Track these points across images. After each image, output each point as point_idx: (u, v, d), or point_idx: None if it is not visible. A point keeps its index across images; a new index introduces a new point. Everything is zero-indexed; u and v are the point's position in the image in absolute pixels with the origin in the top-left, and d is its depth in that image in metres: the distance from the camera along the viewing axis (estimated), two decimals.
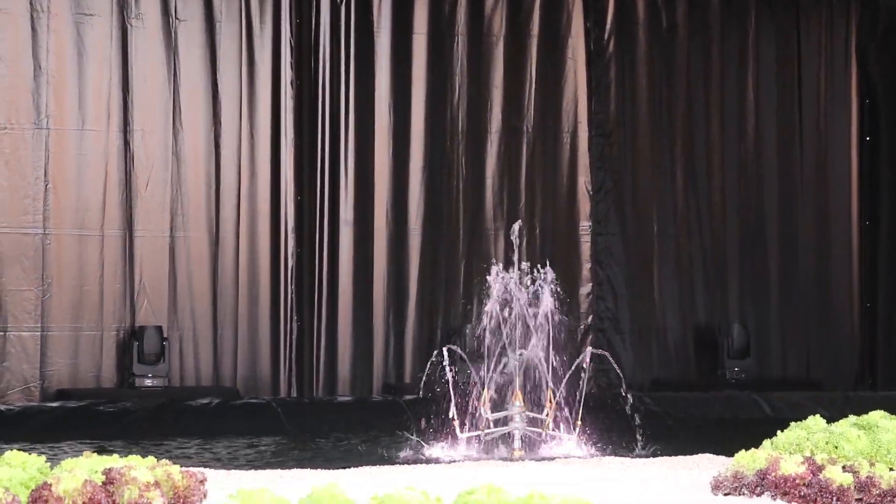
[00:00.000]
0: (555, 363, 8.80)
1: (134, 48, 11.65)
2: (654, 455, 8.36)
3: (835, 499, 5.68)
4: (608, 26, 13.07)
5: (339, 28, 12.27)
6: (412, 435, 8.93)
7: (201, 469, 6.23)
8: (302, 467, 7.64)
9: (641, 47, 13.15)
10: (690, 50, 13.29)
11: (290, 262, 12.07)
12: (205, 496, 5.78)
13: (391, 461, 8.23)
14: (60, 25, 11.44)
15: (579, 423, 8.66)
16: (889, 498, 5.73)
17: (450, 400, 8.56)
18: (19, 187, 11.33)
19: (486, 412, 8.67)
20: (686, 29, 13.27)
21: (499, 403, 8.81)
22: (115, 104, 11.61)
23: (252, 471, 7.36)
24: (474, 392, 8.77)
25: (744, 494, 6.02)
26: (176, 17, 11.79)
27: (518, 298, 8.94)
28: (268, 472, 7.31)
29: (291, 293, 12.03)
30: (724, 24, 13.39)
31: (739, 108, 13.40)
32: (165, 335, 11.49)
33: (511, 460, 8.31)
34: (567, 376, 8.80)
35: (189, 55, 11.84)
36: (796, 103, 13.55)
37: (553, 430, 8.68)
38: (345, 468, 7.56)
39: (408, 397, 10.95)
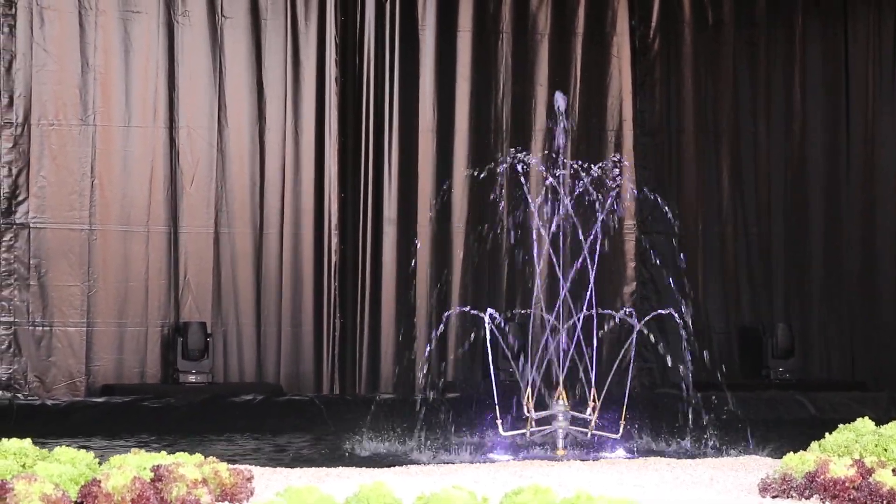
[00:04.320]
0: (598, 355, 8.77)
1: (180, 45, 11.70)
2: (701, 456, 8.31)
3: (885, 502, 5.63)
4: (653, 24, 13.01)
5: (384, 25, 12.28)
6: (454, 433, 8.92)
7: (248, 466, 6.25)
8: (346, 465, 7.63)
9: (687, 45, 13.08)
10: (736, 48, 13.20)
11: (334, 259, 12.08)
12: (251, 493, 5.80)
13: (435, 460, 8.22)
14: (108, 22, 11.51)
15: (623, 422, 8.62)
16: None
17: (494, 396, 8.53)
18: (66, 183, 11.40)
19: (529, 411, 8.64)
20: (732, 27, 13.19)
21: (542, 401, 8.78)
22: (161, 101, 11.67)
23: (298, 468, 7.36)
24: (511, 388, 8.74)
25: (792, 497, 5.98)
26: (222, 15, 11.83)
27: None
28: (313, 469, 7.30)
29: (335, 290, 12.05)
30: (770, 22, 13.29)
31: (785, 107, 13.30)
32: (209, 331, 11.53)
33: (556, 460, 8.27)
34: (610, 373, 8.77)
35: (234, 52, 11.89)
36: (843, 102, 13.43)
37: (597, 429, 8.63)
38: (389, 466, 7.56)
39: (451, 395, 10.94)
